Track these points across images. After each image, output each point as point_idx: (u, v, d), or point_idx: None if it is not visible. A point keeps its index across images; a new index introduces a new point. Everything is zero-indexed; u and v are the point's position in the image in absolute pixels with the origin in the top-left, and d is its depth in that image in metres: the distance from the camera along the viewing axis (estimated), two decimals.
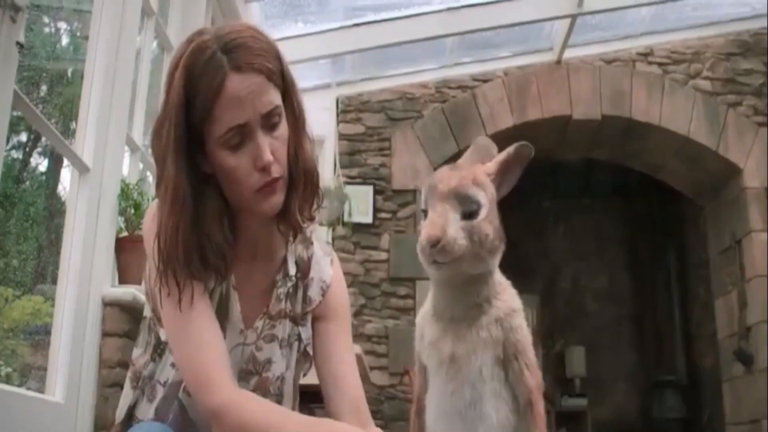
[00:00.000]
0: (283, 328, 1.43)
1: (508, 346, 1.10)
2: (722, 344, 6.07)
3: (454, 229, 1.03)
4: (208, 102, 1.25)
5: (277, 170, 1.29)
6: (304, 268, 1.48)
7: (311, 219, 1.42)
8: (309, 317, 1.48)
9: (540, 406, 1.10)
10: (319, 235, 1.61)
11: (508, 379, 1.10)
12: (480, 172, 1.10)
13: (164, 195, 1.28)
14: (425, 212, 1.09)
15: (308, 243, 1.50)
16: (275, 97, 1.30)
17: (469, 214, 1.05)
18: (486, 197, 1.08)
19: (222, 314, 1.36)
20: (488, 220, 1.08)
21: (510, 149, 1.15)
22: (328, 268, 1.51)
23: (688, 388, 7.35)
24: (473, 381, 1.08)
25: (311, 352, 1.46)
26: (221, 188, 1.33)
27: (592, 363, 7.55)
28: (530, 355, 1.12)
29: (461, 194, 1.06)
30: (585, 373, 7.50)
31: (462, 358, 1.08)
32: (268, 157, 1.27)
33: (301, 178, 1.35)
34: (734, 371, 5.79)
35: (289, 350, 1.44)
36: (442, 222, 1.03)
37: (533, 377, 1.11)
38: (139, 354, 1.44)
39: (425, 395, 1.14)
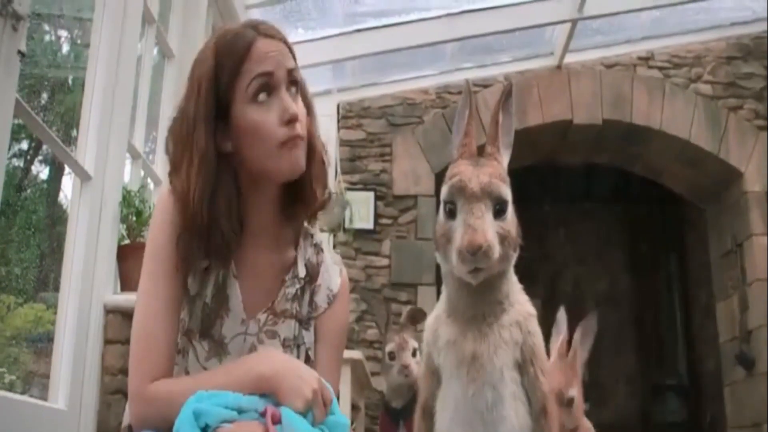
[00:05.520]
0: (288, 328, 1.44)
1: (525, 349, 1.09)
2: (723, 348, 6.07)
3: (492, 233, 0.99)
4: (237, 61, 1.33)
5: (301, 128, 1.36)
6: (313, 273, 1.49)
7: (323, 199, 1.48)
8: (312, 323, 1.48)
9: (554, 412, 1.10)
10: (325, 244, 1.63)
11: (523, 383, 1.09)
12: (501, 166, 1.07)
13: (190, 165, 1.32)
14: (450, 209, 1.04)
15: (318, 249, 1.52)
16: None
17: (497, 212, 1.03)
18: (509, 192, 1.05)
19: (220, 300, 1.38)
20: (513, 217, 1.05)
21: (495, 115, 1.11)
22: (336, 277, 1.52)
23: (690, 391, 7.34)
24: (494, 382, 1.06)
25: (312, 357, 1.47)
26: (236, 172, 1.37)
27: (593, 367, 7.49)
28: (544, 361, 1.11)
29: (493, 194, 1.02)
30: (586, 377, 7.47)
31: (484, 357, 1.06)
32: (294, 108, 1.34)
33: (313, 155, 1.43)
34: (735, 375, 5.79)
35: (291, 352, 1.44)
36: (482, 226, 0.99)
37: (547, 383, 1.10)
38: None
39: (434, 398, 1.12)
